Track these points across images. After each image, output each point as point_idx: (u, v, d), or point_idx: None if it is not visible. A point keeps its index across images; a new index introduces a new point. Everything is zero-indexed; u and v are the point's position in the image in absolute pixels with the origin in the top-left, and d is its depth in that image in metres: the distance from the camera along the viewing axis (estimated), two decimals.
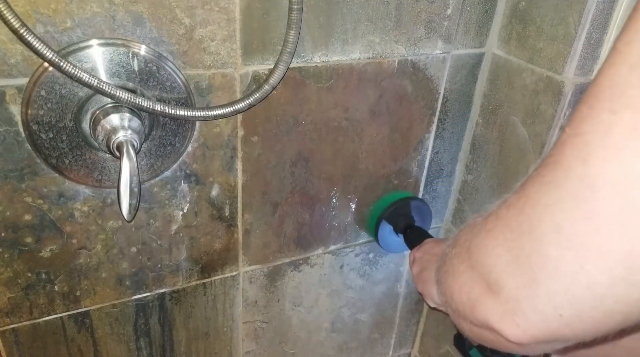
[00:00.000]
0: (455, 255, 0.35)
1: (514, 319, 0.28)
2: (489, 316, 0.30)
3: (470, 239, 0.33)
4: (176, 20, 0.49)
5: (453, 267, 0.35)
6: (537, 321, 0.27)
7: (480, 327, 0.32)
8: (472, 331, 0.34)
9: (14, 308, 0.57)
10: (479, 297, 0.31)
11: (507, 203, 0.30)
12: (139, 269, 0.61)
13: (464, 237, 0.35)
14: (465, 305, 0.33)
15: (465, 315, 0.34)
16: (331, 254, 0.76)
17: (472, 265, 0.32)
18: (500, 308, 0.29)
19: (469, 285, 0.32)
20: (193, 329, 0.70)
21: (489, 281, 0.30)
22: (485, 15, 0.66)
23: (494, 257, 0.30)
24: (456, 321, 0.37)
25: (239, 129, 0.58)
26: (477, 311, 0.31)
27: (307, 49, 0.57)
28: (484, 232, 0.31)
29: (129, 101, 0.46)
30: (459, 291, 0.34)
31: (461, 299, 0.33)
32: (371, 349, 0.93)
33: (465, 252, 0.33)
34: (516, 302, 0.28)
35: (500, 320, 0.29)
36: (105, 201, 0.55)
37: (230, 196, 0.62)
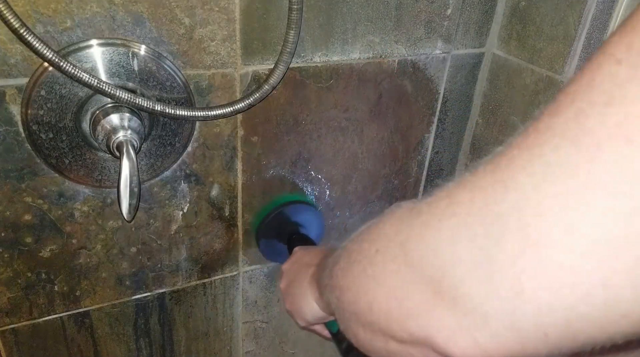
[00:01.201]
0: (377, 251, 0.28)
1: (472, 336, 0.23)
2: (434, 330, 0.24)
3: (407, 230, 0.26)
4: (176, 20, 0.49)
5: (375, 266, 0.28)
6: (509, 341, 0.22)
7: (409, 345, 0.26)
8: (390, 349, 0.28)
9: (14, 308, 0.57)
10: (420, 305, 0.25)
11: (470, 185, 0.23)
12: (139, 269, 0.61)
13: (392, 228, 0.27)
14: (394, 316, 0.26)
15: (389, 329, 0.27)
16: None
17: (411, 264, 0.25)
18: (453, 321, 0.23)
19: (404, 289, 0.26)
20: (193, 329, 0.70)
21: (439, 286, 0.24)
22: (485, 15, 0.66)
23: (450, 256, 0.23)
24: (367, 337, 0.30)
25: (239, 129, 0.58)
26: (413, 322, 0.25)
27: (307, 49, 0.57)
28: (434, 221, 0.25)
29: (129, 101, 0.46)
30: (385, 298, 0.27)
31: (387, 308, 0.27)
32: None
33: (397, 247, 0.26)
34: (481, 317, 0.22)
35: (450, 336, 0.23)
36: (105, 200, 0.55)
37: (230, 196, 0.62)
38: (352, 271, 0.30)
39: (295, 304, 0.49)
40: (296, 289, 0.49)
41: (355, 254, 0.31)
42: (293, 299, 0.49)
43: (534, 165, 0.21)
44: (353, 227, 0.75)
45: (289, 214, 0.65)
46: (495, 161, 0.23)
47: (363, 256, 0.29)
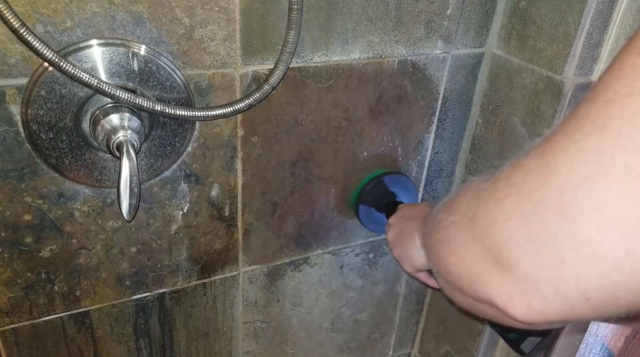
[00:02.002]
0: (453, 223, 0.32)
1: (527, 300, 0.26)
2: (495, 294, 0.27)
3: (475, 207, 0.29)
4: (176, 20, 0.49)
5: (450, 236, 0.32)
6: (558, 304, 0.25)
7: (480, 302, 0.30)
8: (468, 303, 0.32)
9: (13, 308, 0.57)
10: (484, 273, 0.28)
11: (523, 168, 0.26)
12: (139, 269, 0.61)
13: (465, 204, 0.31)
14: (465, 279, 0.30)
15: (463, 289, 0.31)
16: (331, 254, 0.76)
17: (477, 237, 0.29)
18: (510, 287, 0.26)
19: (471, 258, 0.29)
20: (193, 329, 0.70)
21: (498, 256, 0.27)
22: (485, 15, 0.66)
23: (506, 231, 0.26)
24: (449, 292, 0.34)
25: (238, 129, 0.58)
26: (479, 287, 0.29)
27: (307, 49, 0.57)
28: (494, 201, 0.28)
29: (129, 101, 0.46)
30: (457, 264, 0.31)
31: (459, 272, 0.31)
32: (371, 349, 0.93)
33: (467, 221, 0.30)
34: (532, 283, 0.25)
35: (508, 300, 0.27)
36: (105, 200, 0.55)
37: (230, 196, 0.62)
38: (434, 237, 0.34)
39: (404, 251, 0.53)
40: (405, 238, 0.53)
41: (437, 222, 0.34)
42: (402, 246, 0.54)
43: (571, 150, 0.24)
44: (352, 227, 0.75)
45: (387, 184, 0.70)
46: (543, 144, 0.26)
47: (442, 225, 0.33)
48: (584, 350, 0.79)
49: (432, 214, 0.37)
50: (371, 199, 0.70)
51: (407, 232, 0.53)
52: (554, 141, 0.25)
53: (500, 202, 0.27)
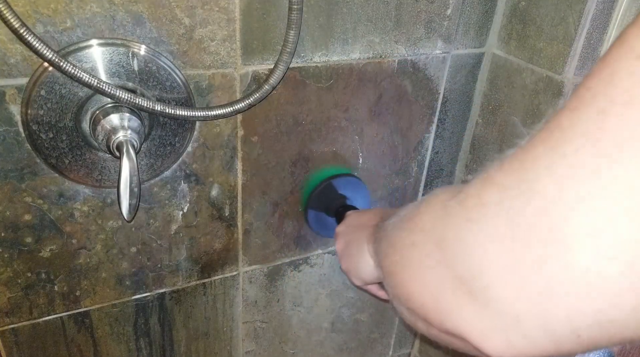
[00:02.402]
0: (414, 244, 0.28)
1: (506, 337, 0.23)
2: (467, 329, 0.24)
3: (441, 228, 0.26)
4: (176, 20, 0.49)
5: (411, 259, 0.28)
6: (543, 341, 0.22)
7: (447, 335, 0.27)
8: (432, 334, 0.29)
9: (13, 308, 0.57)
10: (453, 305, 0.25)
11: (497, 185, 0.23)
12: (139, 269, 0.61)
13: (429, 222, 0.27)
14: (430, 309, 0.27)
15: (427, 319, 0.28)
16: (331, 254, 0.76)
17: (446, 263, 0.25)
18: (486, 322, 0.23)
19: (437, 287, 0.26)
20: (193, 329, 0.70)
21: (471, 287, 0.24)
22: (485, 15, 0.66)
23: (481, 258, 0.23)
24: (409, 319, 0.31)
25: (238, 129, 0.58)
26: (448, 319, 0.26)
27: (307, 49, 0.57)
28: (464, 221, 0.24)
29: (129, 101, 0.46)
30: (419, 291, 0.27)
31: (423, 301, 0.27)
32: (371, 349, 0.93)
33: (433, 244, 0.26)
34: (513, 318, 0.22)
35: (483, 335, 0.24)
36: (105, 200, 0.55)
37: (230, 196, 0.62)
38: (392, 257, 0.31)
39: (352, 263, 0.49)
40: (353, 249, 0.49)
41: (394, 240, 0.31)
42: (350, 259, 0.50)
43: (558, 166, 0.20)
44: None
45: (337, 187, 0.66)
46: (520, 158, 0.23)
47: (401, 246, 0.30)
48: None
49: (384, 228, 0.34)
50: (320, 203, 0.66)
51: (355, 242, 0.49)
52: (533, 154, 0.22)
53: (473, 224, 0.24)
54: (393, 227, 0.32)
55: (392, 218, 0.34)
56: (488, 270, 0.23)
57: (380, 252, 0.34)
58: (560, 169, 0.20)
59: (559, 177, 0.20)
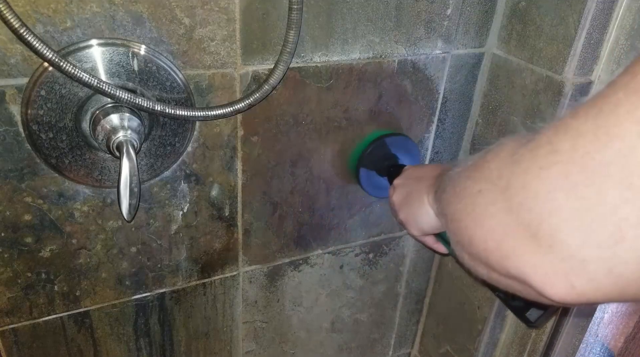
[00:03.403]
0: (480, 192, 0.28)
1: (569, 280, 0.23)
2: (530, 272, 0.25)
3: (509, 176, 0.26)
4: (176, 20, 0.49)
5: (476, 206, 0.29)
6: (608, 286, 0.22)
7: (508, 278, 0.28)
8: (492, 277, 0.30)
9: (13, 308, 0.57)
10: (517, 249, 0.25)
11: (572, 131, 0.23)
12: (139, 269, 0.61)
13: (496, 171, 0.28)
14: (493, 253, 0.27)
15: (489, 263, 0.28)
16: (331, 254, 0.76)
17: (512, 209, 0.25)
18: (550, 265, 0.24)
19: (501, 232, 0.26)
20: (193, 329, 0.70)
21: (537, 232, 0.24)
22: (485, 15, 0.66)
23: (550, 204, 0.23)
24: (470, 264, 0.31)
25: (238, 129, 0.58)
26: (511, 263, 0.26)
27: (307, 49, 0.57)
28: (535, 169, 0.24)
29: (129, 101, 0.46)
30: (483, 237, 0.28)
31: (486, 246, 0.28)
32: (371, 349, 0.93)
33: (499, 191, 0.27)
34: (579, 262, 0.23)
35: (546, 279, 0.24)
36: (105, 200, 0.55)
37: (230, 196, 0.62)
38: (456, 205, 0.31)
39: (411, 214, 0.50)
40: (414, 200, 0.49)
41: (459, 188, 0.31)
42: (409, 209, 0.50)
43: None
44: (352, 227, 0.75)
45: (389, 145, 0.66)
46: (598, 104, 0.22)
47: (467, 193, 0.30)
48: (583, 350, 0.79)
49: (450, 177, 0.34)
50: (372, 162, 0.66)
51: (416, 193, 0.49)
52: (614, 100, 0.21)
53: (543, 171, 0.24)
54: (459, 176, 0.32)
55: (455, 168, 0.34)
56: (555, 216, 0.23)
57: (444, 200, 0.34)
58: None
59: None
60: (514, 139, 0.28)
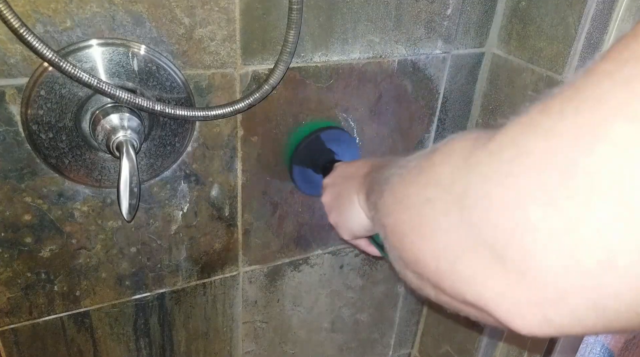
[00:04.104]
0: (429, 201, 0.24)
1: (543, 312, 0.19)
2: (493, 300, 0.21)
3: (465, 182, 0.22)
4: (176, 20, 0.49)
5: (425, 218, 0.24)
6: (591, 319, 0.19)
7: (463, 303, 0.23)
8: (442, 300, 0.25)
9: (13, 308, 0.57)
10: (478, 272, 0.21)
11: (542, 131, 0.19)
12: (139, 269, 0.61)
13: (449, 176, 0.23)
14: (445, 275, 0.23)
15: (440, 286, 0.24)
16: (331, 254, 0.76)
17: (470, 225, 0.21)
18: (519, 295, 0.20)
19: (458, 251, 0.22)
20: (193, 329, 0.70)
21: (503, 254, 0.20)
22: (485, 15, 0.66)
23: (519, 220, 0.19)
24: (416, 283, 0.27)
25: (238, 129, 0.58)
26: (468, 287, 0.22)
27: (307, 48, 0.57)
28: (499, 176, 0.20)
29: (129, 101, 0.46)
30: (434, 255, 0.23)
31: (437, 266, 0.23)
32: (371, 349, 0.93)
33: (453, 201, 0.22)
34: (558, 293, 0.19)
35: (514, 309, 0.20)
36: (105, 200, 0.55)
37: (230, 196, 0.62)
38: (398, 215, 0.26)
39: (341, 215, 0.45)
40: (343, 201, 0.45)
41: (400, 195, 0.27)
42: (340, 211, 0.46)
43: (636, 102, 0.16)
44: None
45: (325, 141, 0.60)
46: (575, 98, 0.18)
47: (411, 202, 0.25)
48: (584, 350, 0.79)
49: (386, 179, 0.29)
50: (306, 159, 0.60)
51: (346, 194, 0.45)
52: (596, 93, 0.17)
53: (509, 179, 0.20)
54: (400, 180, 0.27)
55: (392, 168, 0.30)
56: (530, 234, 0.19)
57: (381, 207, 0.29)
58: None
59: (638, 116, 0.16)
60: (465, 138, 0.23)
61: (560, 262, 0.18)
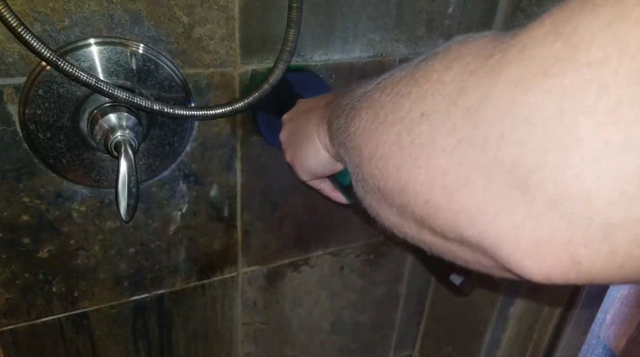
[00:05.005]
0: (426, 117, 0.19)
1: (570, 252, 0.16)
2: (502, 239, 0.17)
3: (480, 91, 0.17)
4: (175, 18, 0.49)
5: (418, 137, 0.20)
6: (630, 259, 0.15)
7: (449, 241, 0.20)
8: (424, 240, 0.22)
9: (11, 309, 0.56)
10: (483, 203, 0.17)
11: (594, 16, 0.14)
12: (137, 270, 0.61)
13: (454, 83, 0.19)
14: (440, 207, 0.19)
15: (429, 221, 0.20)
16: (331, 255, 0.75)
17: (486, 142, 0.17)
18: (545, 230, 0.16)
19: (458, 177, 0.18)
20: (192, 331, 0.70)
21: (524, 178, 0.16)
22: (486, 14, 0.66)
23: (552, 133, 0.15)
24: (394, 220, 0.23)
25: (238, 129, 0.58)
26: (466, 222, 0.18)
27: (307, 47, 0.57)
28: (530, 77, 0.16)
29: (127, 100, 0.46)
30: (428, 183, 0.19)
31: (430, 196, 0.19)
32: (372, 351, 0.92)
33: (462, 115, 0.18)
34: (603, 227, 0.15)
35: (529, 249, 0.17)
36: (103, 201, 0.55)
37: (230, 196, 0.62)
38: (380, 136, 0.22)
39: (298, 153, 0.40)
40: (300, 136, 0.39)
41: (386, 111, 0.22)
42: (295, 147, 0.40)
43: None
44: (352, 228, 0.75)
45: (293, 84, 0.54)
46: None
47: (400, 118, 0.21)
48: (585, 351, 0.79)
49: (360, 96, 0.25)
50: (271, 103, 0.53)
51: (302, 128, 0.39)
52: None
53: (545, 80, 0.15)
54: (381, 95, 0.23)
55: (368, 86, 0.25)
56: (568, 151, 0.15)
57: (356, 130, 0.24)
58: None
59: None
60: (475, 39, 0.19)
61: (611, 190, 0.14)
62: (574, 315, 0.71)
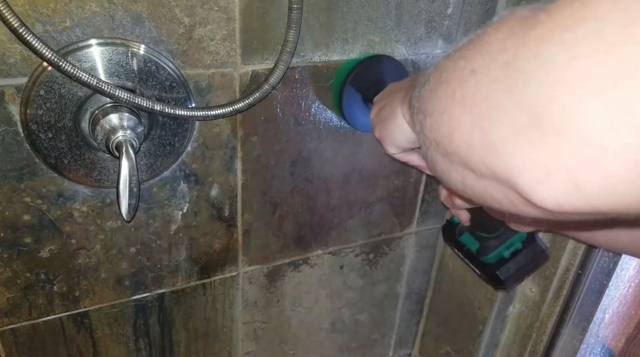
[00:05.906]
0: (474, 72, 0.23)
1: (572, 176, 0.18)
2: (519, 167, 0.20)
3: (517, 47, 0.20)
4: (175, 19, 0.49)
5: (466, 90, 0.23)
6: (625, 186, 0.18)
7: (485, 179, 0.23)
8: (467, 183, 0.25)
9: (13, 308, 0.57)
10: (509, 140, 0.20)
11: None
12: (138, 270, 0.61)
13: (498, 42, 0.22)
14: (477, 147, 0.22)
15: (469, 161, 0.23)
16: (331, 254, 0.76)
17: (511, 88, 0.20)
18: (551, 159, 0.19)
19: (494, 119, 0.21)
20: (192, 330, 0.70)
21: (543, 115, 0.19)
22: (485, 15, 0.66)
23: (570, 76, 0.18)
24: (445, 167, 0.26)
25: (238, 129, 0.58)
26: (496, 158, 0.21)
27: (307, 48, 0.57)
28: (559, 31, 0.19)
29: (128, 101, 0.46)
30: (470, 127, 0.22)
31: (471, 138, 0.23)
32: (371, 350, 0.93)
33: (500, 67, 0.21)
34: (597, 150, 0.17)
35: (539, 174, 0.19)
36: (104, 201, 0.55)
37: (230, 196, 0.62)
38: (439, 93, 0.25)
39: (385, 128, 0.44)
40: (386, 114, 0.44)
41: (446, 73, 0.25)
42: (383, 123, 0.44)
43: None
44: (352, 227, 0.75)
45: (383, 70, 0.57)
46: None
47: (455, 76, 0.24)
48: (584, 351, 0.79)
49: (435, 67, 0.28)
50: (361, 83, 0.56)
51: (389, 106, 0.44)
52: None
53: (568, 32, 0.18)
54: (446, 60, 0.26)
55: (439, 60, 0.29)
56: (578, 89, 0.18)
57: (423, 97, 0.28)
58: None
59: None
60: (520, 9, 0.22)
61: (609, 116, 0.17)
62: (573, 314, 0.71)
